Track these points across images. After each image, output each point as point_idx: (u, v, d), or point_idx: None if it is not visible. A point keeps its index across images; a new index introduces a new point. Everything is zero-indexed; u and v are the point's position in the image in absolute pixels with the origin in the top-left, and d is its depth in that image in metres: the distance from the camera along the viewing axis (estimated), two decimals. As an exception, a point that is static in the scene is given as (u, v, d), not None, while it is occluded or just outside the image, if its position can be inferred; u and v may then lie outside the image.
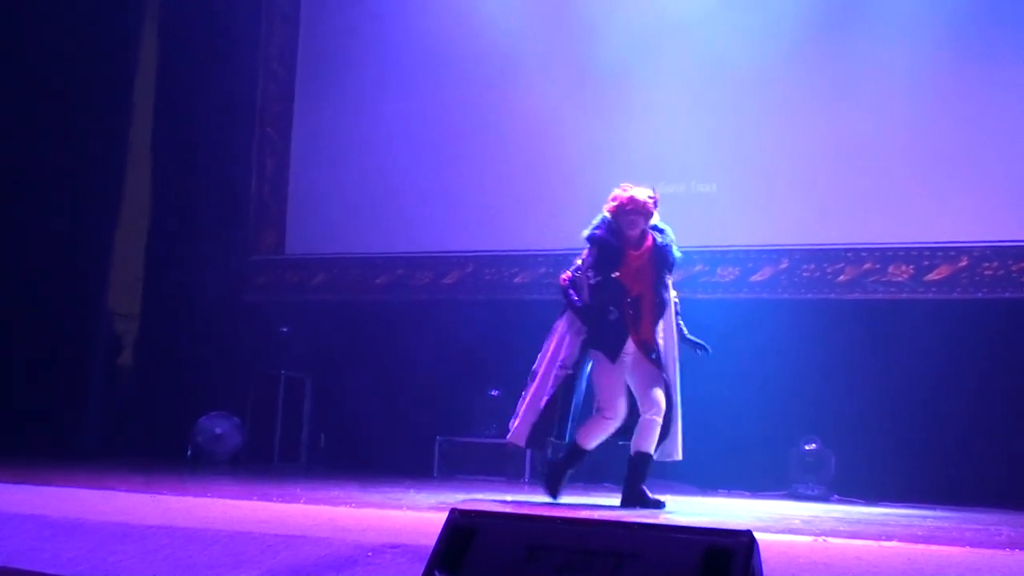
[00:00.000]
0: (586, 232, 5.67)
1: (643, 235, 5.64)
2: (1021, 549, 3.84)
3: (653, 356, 5.52)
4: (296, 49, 9.83)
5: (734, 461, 7.59)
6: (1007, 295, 7.53)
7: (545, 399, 5.58)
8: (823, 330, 7.84)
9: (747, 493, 7.50)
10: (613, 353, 5.51)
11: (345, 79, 9.46)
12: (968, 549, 3.76)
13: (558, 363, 5.63)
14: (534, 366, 5.74)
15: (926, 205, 7.79)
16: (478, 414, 8.39)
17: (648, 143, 8.32)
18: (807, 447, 7.49)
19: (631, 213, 5.58)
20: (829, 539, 3.91)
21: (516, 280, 8.81)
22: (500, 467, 8.08)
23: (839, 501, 7.16)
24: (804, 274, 8.03)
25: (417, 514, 4.32)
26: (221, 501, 4.56)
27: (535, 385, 5.65)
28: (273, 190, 9.73)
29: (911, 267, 7.77)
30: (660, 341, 5.57)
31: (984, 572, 2.95)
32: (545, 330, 8.36)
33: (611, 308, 5.51)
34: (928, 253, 7.74)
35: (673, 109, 8.33)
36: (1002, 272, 7.56)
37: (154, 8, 10.22)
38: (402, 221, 9.06)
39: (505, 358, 8.29)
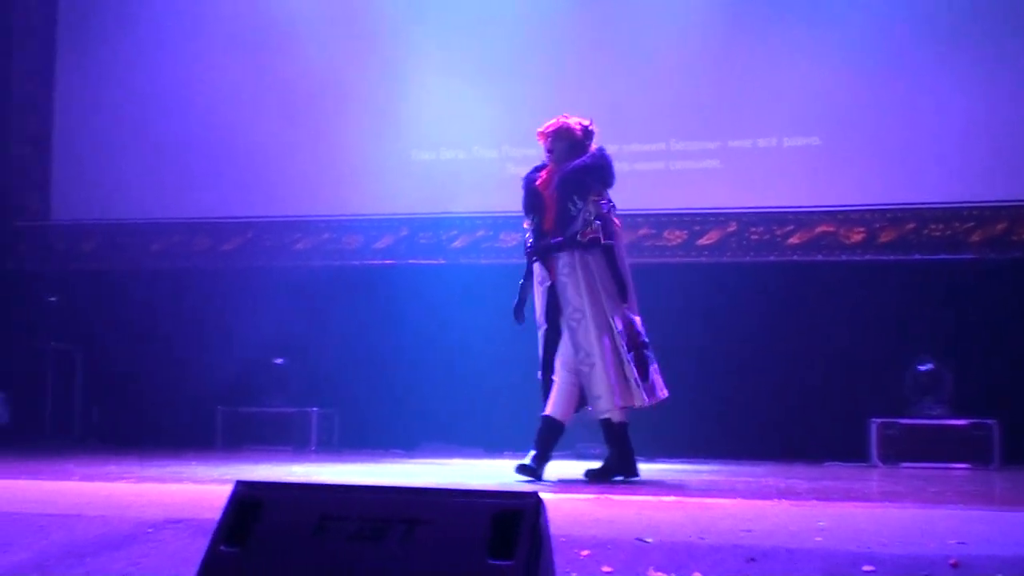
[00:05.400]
0: None
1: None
2: (788, 499, 4.08)
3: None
4: (56, 2, 9.25)
5: (520, 423, 7.73)
6: (772, 258, 7.93)
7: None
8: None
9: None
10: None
11: (114, 30, 8.97)
12: (740, 501, 3.97)
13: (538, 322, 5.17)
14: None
15: (697, 173, 8.11)
16: (262, 383, 8.23)
17: (434, 107, 8.30)
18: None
19: (545, 142, 5.13)
20: (611, 496, 4.04)
21: (298, 246, 8.65)
22: (286, 437, 7.97)
23: (619, 458, 7.38)
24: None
25: (200, 487, 4.20)
26: (-15, 482, 4.29)
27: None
28: (36, 152, 9.17)
29: (684, 232, 8.08)
30: (565, 279, 5.01)
31: (755, 522, 3.11)
32: (326, 295, 8.35)
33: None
34: (700, 218, 8.06)
35: (472, 72, 8.32)
36: (767, 237, 7.97)
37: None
38: (179, 185, 8.73)
39: (287, 325, 8.16)
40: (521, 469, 5.01)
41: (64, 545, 2.76)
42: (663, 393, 5.15)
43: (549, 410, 5.13)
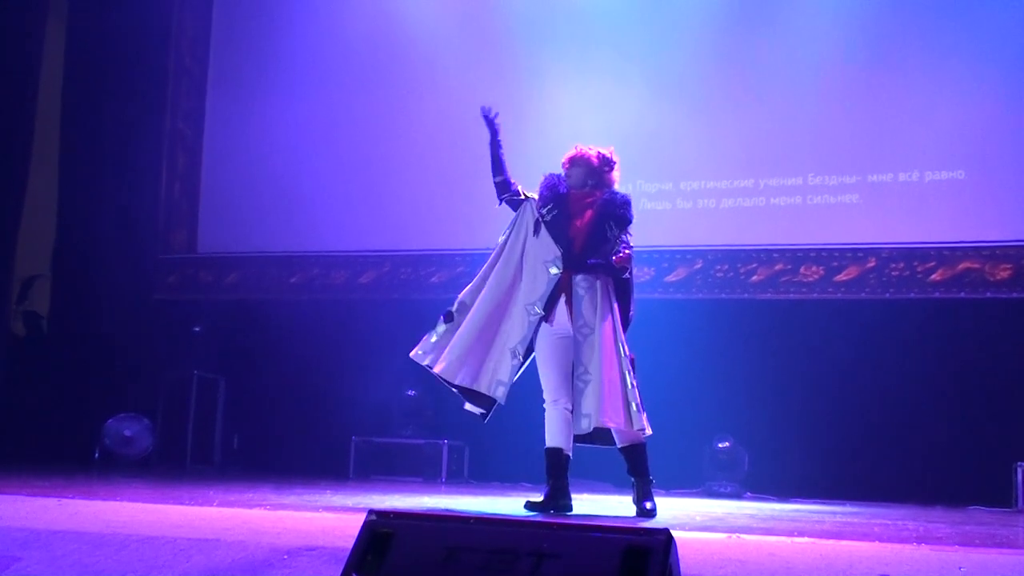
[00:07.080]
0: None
1: (590, 191, 5.18)
2: (927, 543, 3.94)
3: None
4: (208, 43, 9.67)
5: (649, 459, 7.65)
6: (912, 295, 7.72)
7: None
8: (736, 329, 7.96)
9: (662, 491, 7.54)
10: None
11: (259, 74, 9.34)
12: (877, 544, 3.84)
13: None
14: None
15: (835, 208, 7.96)
16: (395, 414, 8.36)
17: (560, 144, 8.33)
18: (720, 445, 7.59)
19: (569, 166, 5.29)
20: (743, 536, 3.96)
21: (433, 279, 8.78)
22: (417, 468, 8.06)
23: (752, 498, 7.26)
24: (718, 274, 8.14)
25: (334, 516, 4.27)
26: (131, 504, 4.46)
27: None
28: (185, 187, 9.57)
29: (821, 268, 7.93)
30: (582, 293, 5.00)
31: (893, 566, 3.01)
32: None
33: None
34: (838, 254, 7.91)
35: (580, 110, 8.36)
36: (908, 273, 7.76)
37: (61, -1, 9.96)
38: (318, 220, 8.97)
39: (422, 358, 8.26)
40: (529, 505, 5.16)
41: (204, 569, 2.85)
42: (648, 431, 5.19)
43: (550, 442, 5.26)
